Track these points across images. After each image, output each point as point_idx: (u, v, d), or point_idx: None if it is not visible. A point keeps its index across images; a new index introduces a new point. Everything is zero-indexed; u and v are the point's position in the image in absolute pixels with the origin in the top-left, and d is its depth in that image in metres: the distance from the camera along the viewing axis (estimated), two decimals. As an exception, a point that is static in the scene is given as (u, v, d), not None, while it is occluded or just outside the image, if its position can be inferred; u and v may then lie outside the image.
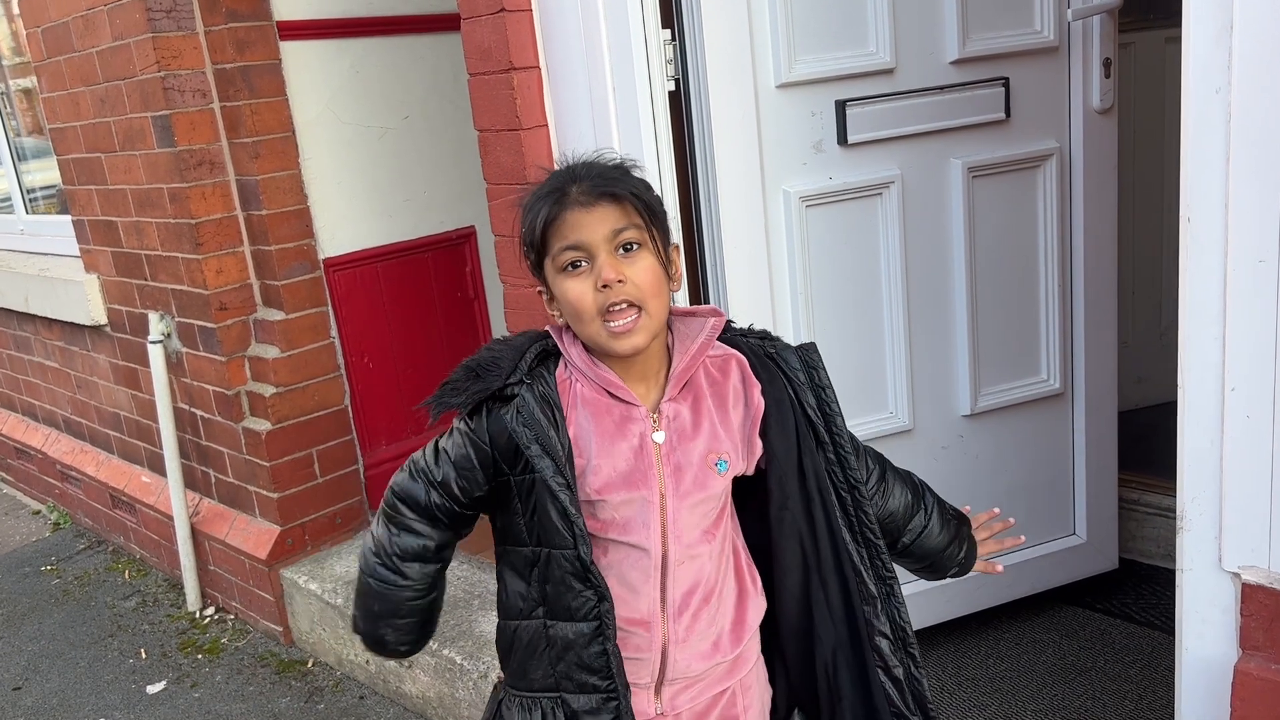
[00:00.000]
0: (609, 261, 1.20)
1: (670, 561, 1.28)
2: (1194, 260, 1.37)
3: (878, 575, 1.33)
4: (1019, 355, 2.34)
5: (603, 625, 1.25)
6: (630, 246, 1.22)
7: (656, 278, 1.23)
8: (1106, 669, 2.27)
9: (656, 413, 1.28)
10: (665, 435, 1.28)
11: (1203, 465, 1.42)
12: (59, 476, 4.15)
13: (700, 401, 1.30)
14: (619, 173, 1.25)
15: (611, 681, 1.26)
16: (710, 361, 1.33)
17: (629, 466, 1.26)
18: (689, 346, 1.30)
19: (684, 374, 1.30)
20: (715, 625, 1.32)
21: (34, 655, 3.23)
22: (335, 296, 3.15)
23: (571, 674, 1.28)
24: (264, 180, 2.93)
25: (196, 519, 3.34)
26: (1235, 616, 1.42)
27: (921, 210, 2.18)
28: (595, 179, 1.23)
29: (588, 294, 1.21)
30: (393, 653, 1.39)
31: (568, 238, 1.21)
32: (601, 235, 1.21)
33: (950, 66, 2.13)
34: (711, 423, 1.30)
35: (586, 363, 1.28)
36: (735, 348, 1.34)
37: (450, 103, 3.28)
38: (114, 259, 3.36)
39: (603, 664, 1.26)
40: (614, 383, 1.27)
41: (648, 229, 1.23)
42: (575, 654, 1.27)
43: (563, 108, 2.09)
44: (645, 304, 1.22)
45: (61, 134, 3.37)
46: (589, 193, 1.21)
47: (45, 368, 4.08)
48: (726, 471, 1.29)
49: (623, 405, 1.28)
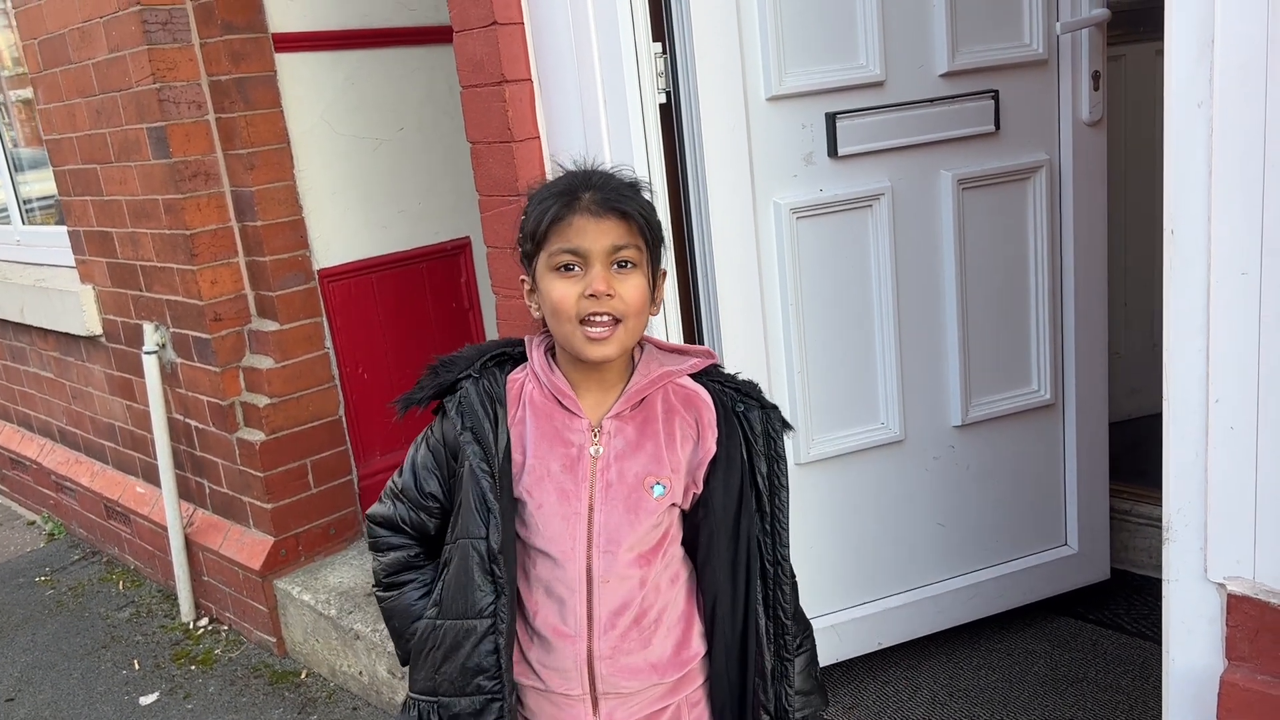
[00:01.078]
0: (603, 274, 1.22)
1: (595, 577, 1.29)
2: (1178, 273, 1.38)
3: (777, 653, 1.35)
4: (1010, 366, 2.34)
5: (497, 622, 1.28)
6: (625, 264, 1.24)
7: (642, 298, 1.26)
8: (1098, 679, 2.28)
9: (599, 427, 1.30)
10: (603, 450, 1.30)
11: (1188, 476, 1.42)
12: (54, 487, 4.15)
13: (650, 424, 1.32)
14: (632, 191, 1.27)
15: (499, 682, 1.29)
16: (674, 390, 1.34)
17: (561, 475, 1.29)
18: (651, 370, 1.33)
19: (638, 393, 1.31)
20: (652, 648, 1.33)
21: (27, 666, 3.23)
22: (330, 307, 3.15)
23: (455, 676, 1.29)
24: (259, 191, 2.94)
25: (190, 529, 3.34)
26: (1221, 627, 1.43)
27: (912, 222, 2.19)
28: (609, 191, 1.24)
29: (571, 297, 1.23)
30: None
31: (570, 241, 1.23)
32: (602, 247, 1.22)
33: (940, 79, 2.14)
34: (656, 446, 1.31)
35: (544, 367, 1.32)
36: (710, 393, 1.35)
37: (445, 114, 3.29)
38: (109, 270, 3.37)
39: (492, 663, 1.28)
40: (564, 392, 1.30)
41: (646, 251, 1.26)
42: (463, 654, 1.29)
43: (554, 120, 2.10)
44: (626, 320, 1.24)
45: (58, 145, 3.39)
46: (600, 203, 1.23)
47: (41, 378, 4.09)
48: (664, 496, 1.30)
49: (567, 414, 1.30)
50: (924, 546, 2.35)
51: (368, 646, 2.75)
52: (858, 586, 2.33)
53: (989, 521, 2.39)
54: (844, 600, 2.33)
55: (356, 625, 2.78)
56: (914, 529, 2.34)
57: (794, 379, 2.18)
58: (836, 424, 2.24)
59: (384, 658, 2.71)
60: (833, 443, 2.24)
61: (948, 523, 2.36)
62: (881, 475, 2.29)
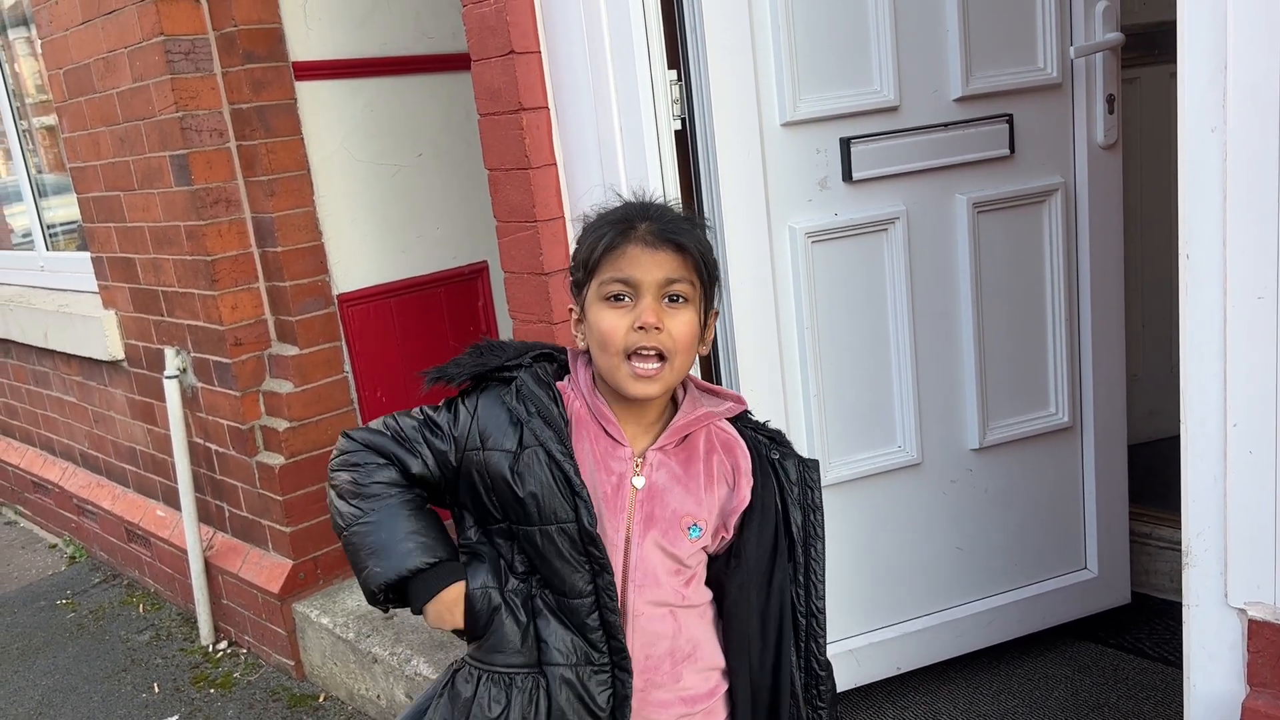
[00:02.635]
0: (653, 306, 1.21)
1: (629, 610, 1.27)
2: (1193, 296, 1.38)
3: (810, 702, 1.33)
4: (1027, 389, 2.34)
5: (599, 599, 1.24)
6: (678, 299, 1.23)
7: (691, 334, 1.24)
8: (1119, 705, 2.26)
9: (641, 458, 1.29)
10: (645, 481, 1.28)
11: (1206, 501, 1.42)
12: (75, 510, 4.19)
13: (693, 463, 1.30)
14: (689, 225, 1.26)
15: (607, 657, 1.25)
16: (715, 432, 1.33)
17: (600, 503, 1.26)
18: (696, 408, 1.31)
19: (684, 428, 1.30)
20: (683, 682, 1.31)
21: (48, 690, 3.24)
22: (349, 331, 3.18)
23: (565, 641, 1.26)
24: (279, 218, 2.97)
25: (210, 553, 3.36)
26: (1242, 653, 1.42)
27: (927, 246, 2.19)
28: (666, 223, 1.23)
29: (620, 328, 1.21)
30: (428, 568, 1.28)
31: (622, 270, 1.21)
32: (655, 279, 1.21)
33: (954, 104, 2.15)
34: (696, 486, 1.29)
35: (589, 388, 1.29)
36: (745, 440, 1.34)
37: (462, 140, 3.32)
38: (132, 295, 3.41)
39: (600, 639, 1.25)
40: (609, 418, 1.28)
41: (700, 287, 1.24)
42: (573, 616, 1.25)
43: (571, 147, 2.12)
44: (673, 358, 1.22)
45: (82, 172, 3.44)
46: (656, 234, 1.22)
47: (63, 402, 4.13)
48: (698, 538, 1.29)
49: (610, 441, 1.28)
50: (942, 570, 2.34)
51: (386, 670, 2.76)
52: (876, 610, 2.32)
53: (1008, 545, 2.38)
54: (862, 624, 2.32)
55: (375, 649, 2.79)
56: (932, 552, 2.33)
57: (810, 402, 2.18)
58: (853, 447, 2.24)
59: (402, 681, 2.71)
60: (849, 466, 2.24)
61: (966, 546, 2.35)
62: (899, 498, 2.29)
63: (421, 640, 2.75)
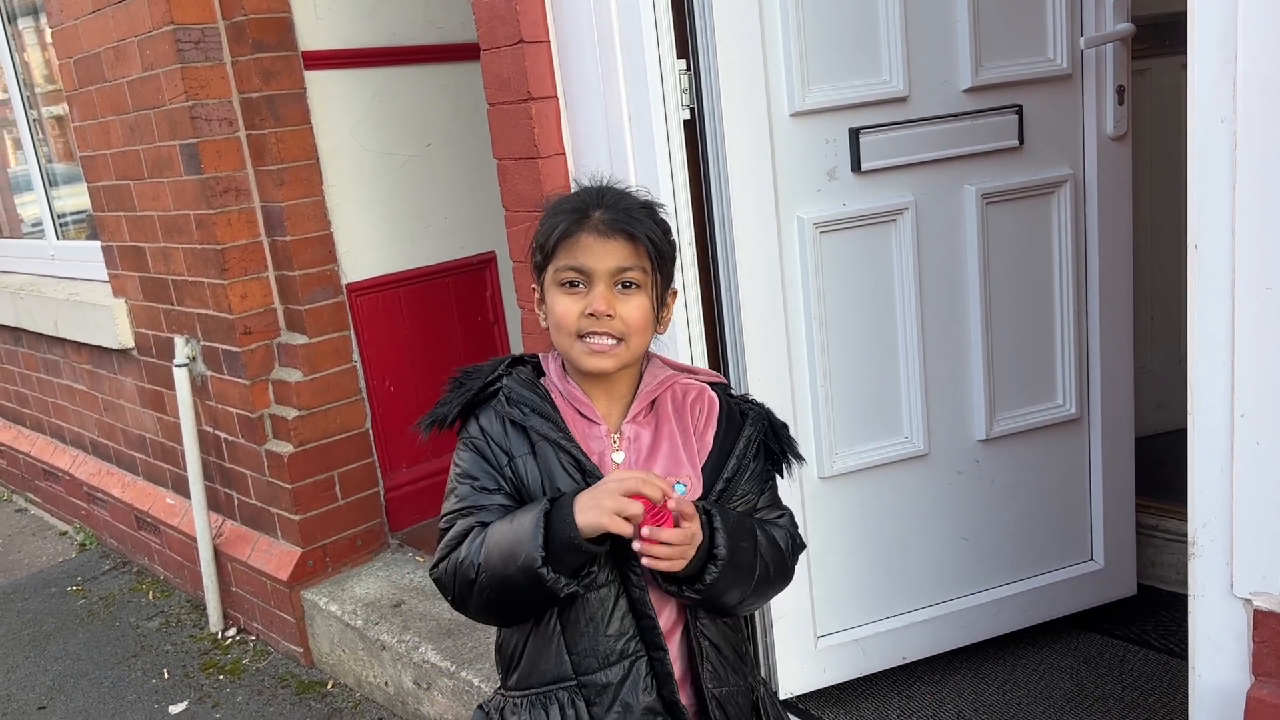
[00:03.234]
0: (605, 294, 1.25)
1: (631, 586, 1.29)
2: (1202, 287, 1.38)
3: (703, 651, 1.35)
4: (1035, 380, 2.34)
5: (624, 580, 1.27)
6: (629, 285, 1.27)
7: (644, 318, 1.28)
8: (1124, 696, 2.26)
9: (618, 433, 1.33)
10: (625, 455, 1.32)
11: (1213, 491, 1.42)
12: (85, 498, 4.21)
13: (664, 424, 1.34)
14: (644, 212, 1.29)
15: (639, 640, 1.27)
16: (679, 390, 1.37)
17: (586, 483, 1.28)
18: (658, 374, 1.36)
19: (648, 394, 1.34)
20: (683, 660, 1.33)
21: (59, 675, 3.27)
22: (357, 321, 3.19)
23: (597, 649, 1.27)
24: (288, 207, 2.98)
25: (219, 540, 3.38)
26: (1248, 643, 1.42)
27: (936, 237, 2.19)
28: (619, 211, 1.26)
29: (573, 313, 1.26)
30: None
31: (575, 258, 1.25)
32: (606, 268, 1.25)
33: (963, 94, 2.15)
34: (672, 446, 1.33)
35: (561, 378, 1.34)
36: (717, 396, 1.39)
37: (471, 130, 3.33)
38: (141, 284, 3.43)
39: (630, 624, 1.27)
40: (581, 400, 1.32)
41: (652, 274, 1.28)
42: (600, 624, 1.27)
43: (580, 137, 2.12)
44: (627, 338, 1.27)
45: (92, 161, 3.45)
46: (609, 224, 1.25)
47: (74, 390, 4.15)
48: (685, 494, 1.30)
49: (586, 422, 1.32)
50: (948, 561, 2.35)
51: (394, 657, 2.77)
52: (882, 601, 2.33)
53: (1014, 536, 2.38)
54: (868, 614, 2.33)
55: (383, 636, 2.80)
56: (938, 543, 2.33)
57: (817, 393, 2.18)
58: (860, 438, 2.24)
59: (410, 668, 2.73)
60: (856, 456, 2.24)
61: (972, 537, 2.35)
62: (905, 489, 2.29)
63: (429, 628, 2.76)
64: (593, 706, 1.28)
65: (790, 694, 2.28)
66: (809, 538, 2.21)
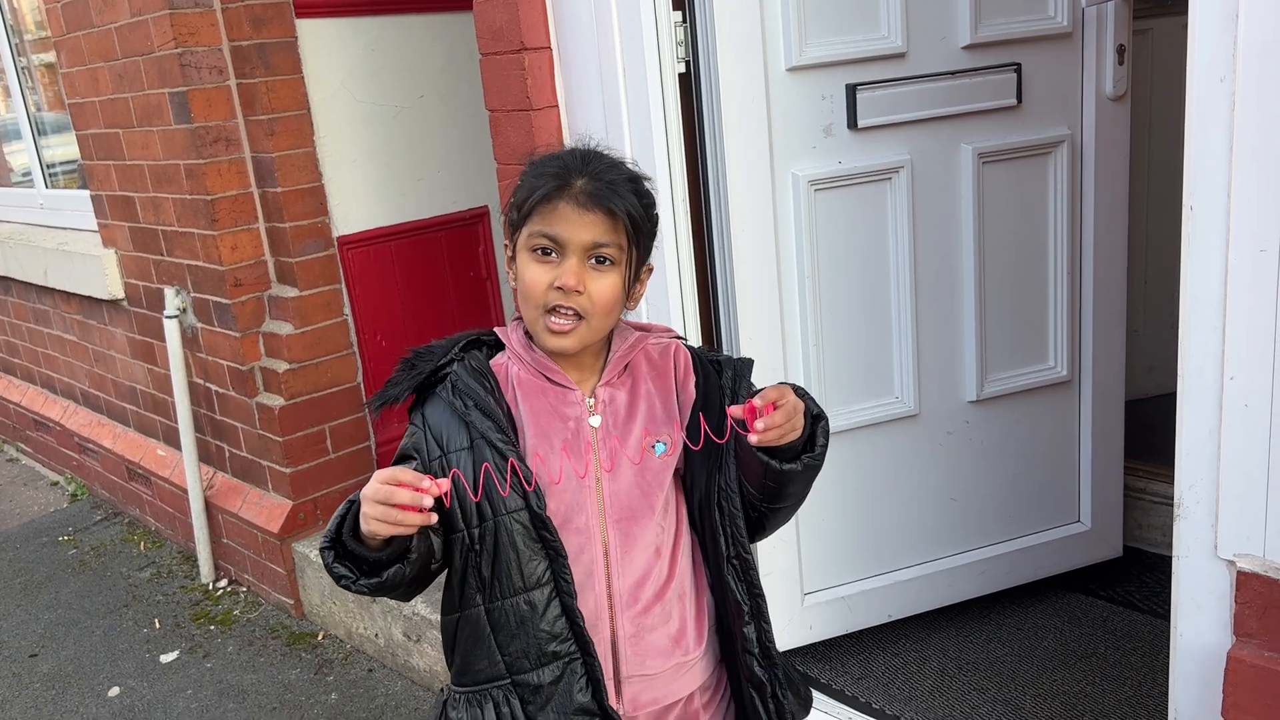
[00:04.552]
0: (576, 269, 1.21)
1: (613, 552, 1.28)
2: (1196, 248, 1.38)
3: (750, 591, 1.33)
4: (1026, 342, 2.34)
5: (557, 585, 1.24)
6: (603, 260, 1.22)
7: (614, 297, 1.24)
8: (1108, 655, 2.28)
9: (593, 397, 1.30)
10: (601, 420, 1.29)
11: (1200, 453, 1.42)
12: (77, 448, 4.21)
13: (638, 385, 1.32)
14: (628, 186, 1.24)
15: (573, 643, 1.25)
16: (652, 347, 1.35)
17: (566, 451, 1.26)
18: (628, 337, 1.33)
19: (623, 358, 1.31)
20: (673, 620, 1.32)
21: (50, 623, 3.29)
22: (349, 274, 3.17)
23: (530, 650, 1.25)
24: (279, 158, 2.95)
25: (210, 492, 3.39)
26: (1230, 604, 1.43)
27: (931, 196, 2.18)
28: (603, 183, 1.21)
29: (541, 283, 1.22)
30: None
31: (551, 226, 1.21)
32: (581, 241, 1.21)
33: (962, 51, 2.13)
34: (650, 405, 1.31)
35: (524, 346, 1.30)
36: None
37: (465, 82, 3.29)
38: (131, 234, 3.40)
39: (563, 627, 1.25)
40: (550, 367, 1.29)
41: (627, 250, 1.24)
42: (531, 626, 1.25)
43: (573, 89, 2.10)
44: (591, 318, 1.23)
45: (81, 109, 3.41)
46: (590, 195, 1.20)
47: (64, 341, 4.14)
48: (665, 454, 1.30)
49: (558, 389, 1.29)
50: (936, 521, 2.36)
51: (384, 610, 2.79)
52: (869, 559, 2.34)
53: (1002, 497, 2.39)
54: (855, 572, 2.34)
55: (372, 589, 2.81)
56: (926, 503, 2.34)
57: (809, 352, 2.18)
58: (850, 397, 2.24)
59: (400, 621, 2.74)
60: (846, 416, 2.24)
61: (960, 497, 2.36)
62: (895, 449, 2.30)
63: (419, 581, 2.77)
64: (527, 705, 1.27)
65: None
66: (798, 496, 2.22)
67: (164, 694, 2.85)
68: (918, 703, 2.20)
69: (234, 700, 2.79)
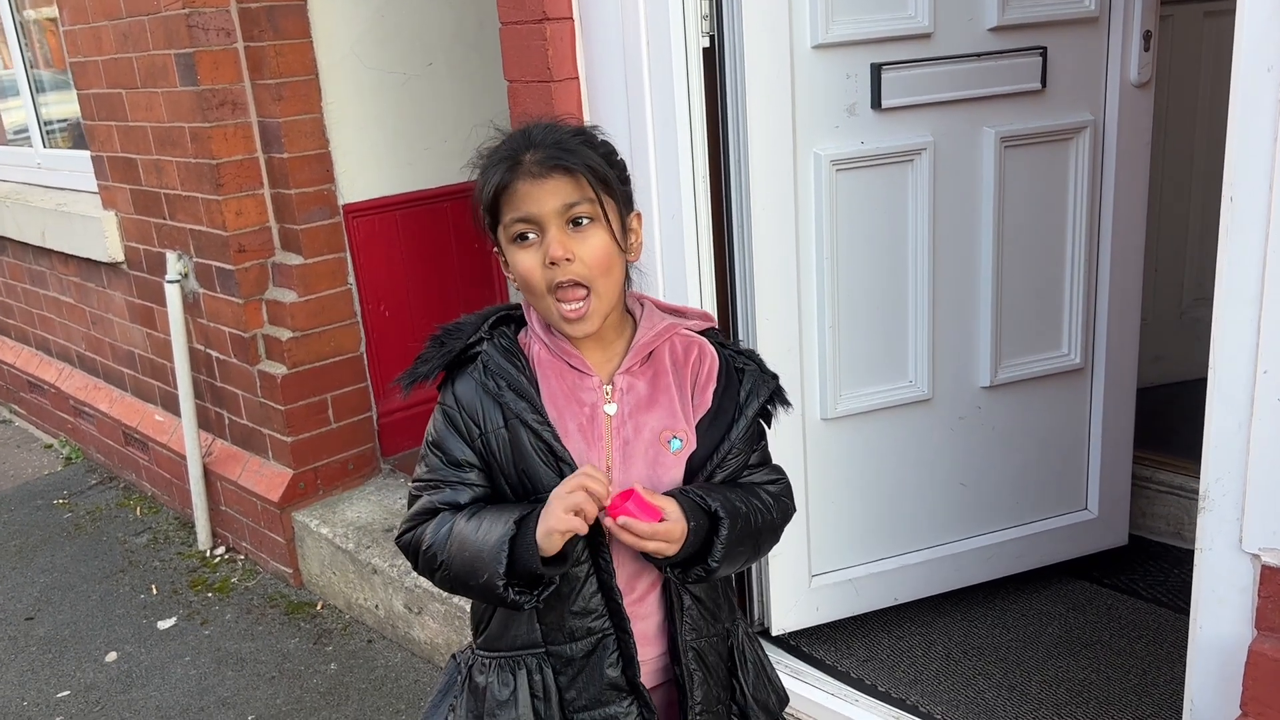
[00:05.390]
0: (558, 238, 1.19)
1: (616, 541, 1.25)
2: (1234, 240, 1.36)
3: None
4: (1041, 328, 2.32)
5: (596, 562, 1.25)
6: (581, 221, 1.20)
7: (607, 254, 1.22)
8: (1112, 643, 2.29)
9: (610, 384, 1.28)
10: (617, 408, 1.27)
11: (1229, 446, 1.41)
12: (72, 412, 4.17)
13: (661, 377, 1.30)
14: (576, 142, 1.21)
15: (607, 620, 1.26)
16: (679, 342, 1.32)
17: (578, 435, 1.26)
18: (655, 323, 1.31)
19: (645, 347, 1.29)
20: (661, 613, 1.31)
21: (46, 587, 3.27)
22: (354, 243, 3.14)
23: (565, 623, 1.27)
24: (286, 123, 2.91)
25: (209, 459, 3.36)
26: (1252, 597, 1.43)
27: (952, 178, 2.16)
28: (550, 148, 1.19)
29: (537, 269, 1.20)
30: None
31: (519, 208, 1.19)
32: (551, 209, 1.18)
33: (989, 33, 2.10)
34: (670, 399, 1.29)
35: (544, 327, 1.29)
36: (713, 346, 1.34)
37: (474, 51, 3.24)
38: (133, 196, 3.35)
39: (599, 603, 1.26)
40: (569, 352, 1.28)
41: (600, 203, 1.20)
42: (569, 601, 1.26)
43: (595, 61, 2.06)
44: (594, 283, 1.21)
45: (82, 68, 3.35)
46: (542, 163, 1.18)
47: (60, 303, 4.09)
48: (680, 450, 1.28)
49: (576, 373, 1.28)
50: (945, 505, 2.35)
51: (385, 581, 2.78)
52: (877, 542, 2.34)
53: (1011, 483, 2.39)
54: (863, 555, 2.34)
55: (374, 560, 2.80)
56: (936, 488, 2.34)
57: (825, 333, 2.16)
58: (864, 380, 2.23)
59: (401, 593, 2.73)
60: (859, 399, 2.23)
61: (970, 483, 2.36)
62: (907, 433, 2.29)
63: (422, 554, 2.76)
64: (559, 675, 1.28)
65: (783, 630, 2.29)
66: (808, 478, 2.21)
67: (162, 660, 2.84)
68: (923, 686, 2.20)
69: (232, 668, 2.78)
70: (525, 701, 1.28)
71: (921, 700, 2.15)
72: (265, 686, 2.69)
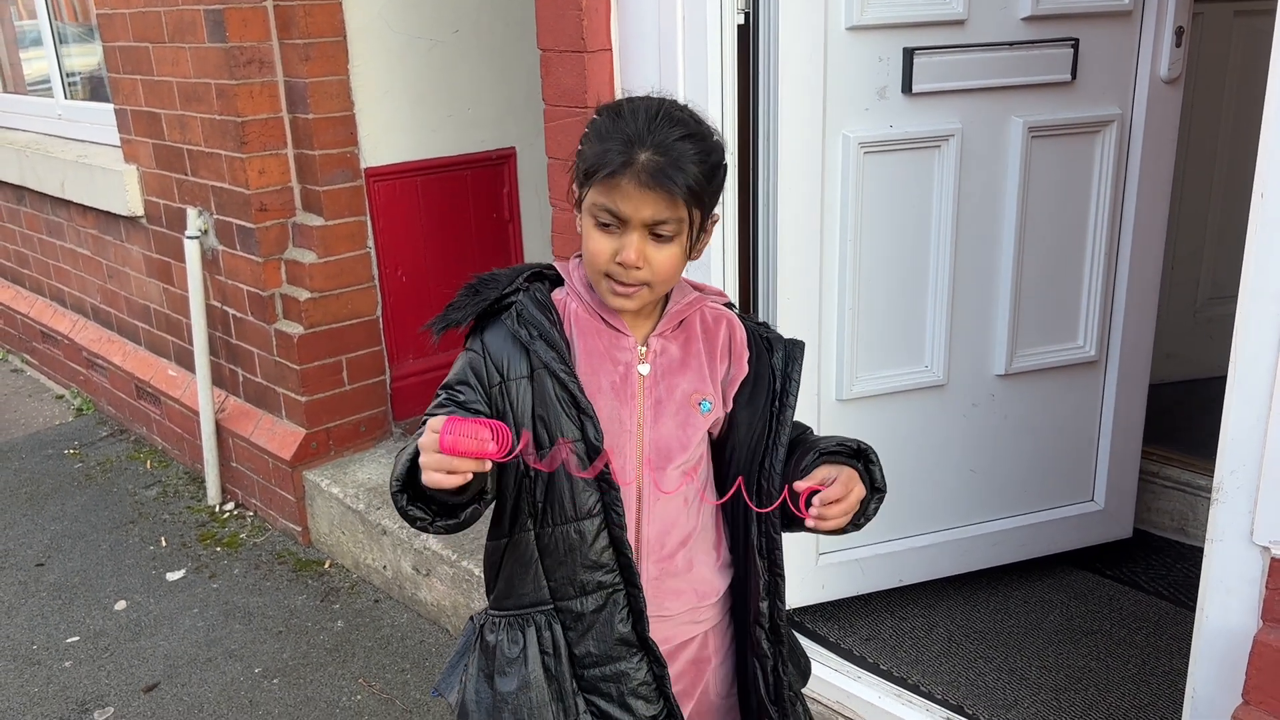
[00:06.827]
0: (637, 244, 1.20)
1: (645, 497, 1.30)
2: (1262, 236, 1.37)
3: (771, 568, 1.35)
4: (1058, 320, 2.34)
5: (608, 516, 1.26)
6: (663, 235, 1.22)
7: (674, 266, 1.24)
8: (1112, 633, 2.32)
9: (645, 346, 1.31)
10: (650, 368, 1.30)
11: (1246, 440, 1.43)
12: (84, 363, 4.20)
13: (692, 343, 1.33)
14: (692, 157, 1.19)
15: (618, 575, 1.28)
16: (708, 311, 1.36)
17: (610, 393, 1.28)
18: (686, 294, 1.34)
19: (680, 313, 1.32)
20: (695, 571, 1.35)
21: (56, 535, 3.30)
22: (374, 207, 3.15)
23: (575, 578, 1.28)
24: (312, 84, 2.92)
25: (222, 416, 3.39)
26: (1260, 589, 1.45)
27: (978, 166, 2.17)
28: (666, 158, 1.18)
29: (604, 254, 1.22)
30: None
31: (613, 201, 1.20)
32: (642, 217, 1.20)
33: (1022, 23, 2.11)
34: (700, 364, 1.32)
35: (585, 285, 1.31)
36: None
37: (500, 19, 3.25)
38: (155, 151, 3.36)
39: (610, 558, 1.28)
40: (608, 310, 1.30)
41: (690, 219, 1.22)
42: (579, 555, 1.27)
43: (629, 34, 2.07)
44: (654, 285, 1.24)
45: (110, 20, 3.35)
46: (652, 173, 1.18)
47: (77, 255, 4.10)
48: (710, 413, 1.31)
49: (613, 332, 1.30)
50: (954, 491, 2.38)
51: (394, 542, 2.81)
52: (885, 524, 2.33)
53: (1020, 471, 2.41)
54: (869, 536, 2.34)
55: (384, 521, 2.83)
56: (946, 473, 2.36)
57: (844, 315, 2.18)
58: (881, 363, 2.25)
59: (409, 554, 2.76)
60: (875, 381, 2.25)
61: (980, 469, 2.38)
62: (920, 418, 2.31)
63: (432, 517, 2.79)
64: (569, 631, 1.30)
65: (789, 606, 2.32)
66: (821, 457, 2.23)
67: (170, 611, 2.88)
68: (924, 666, 2.23)
69: (240, 621, 2.81)
70: (535, 658, 1.31)
71: (922, 680, 2.18)
72: (272, 640, 2.73)
